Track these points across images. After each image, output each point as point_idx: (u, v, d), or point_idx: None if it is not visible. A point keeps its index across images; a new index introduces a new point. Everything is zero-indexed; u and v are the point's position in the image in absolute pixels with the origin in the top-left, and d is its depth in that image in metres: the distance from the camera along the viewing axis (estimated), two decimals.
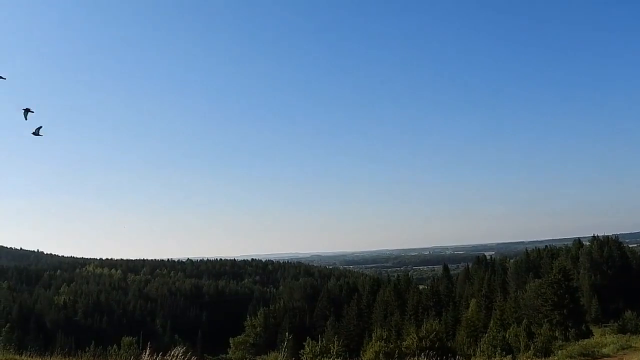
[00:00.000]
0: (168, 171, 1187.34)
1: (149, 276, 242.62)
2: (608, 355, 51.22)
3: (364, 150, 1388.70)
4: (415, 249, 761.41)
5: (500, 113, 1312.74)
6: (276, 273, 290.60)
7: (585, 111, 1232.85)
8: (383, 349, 49.14)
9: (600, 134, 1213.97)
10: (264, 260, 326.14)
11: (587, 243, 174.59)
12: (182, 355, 13.52)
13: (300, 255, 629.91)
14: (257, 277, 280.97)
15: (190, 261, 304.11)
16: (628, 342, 61.93)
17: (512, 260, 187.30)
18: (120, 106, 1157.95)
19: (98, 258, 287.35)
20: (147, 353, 11.39)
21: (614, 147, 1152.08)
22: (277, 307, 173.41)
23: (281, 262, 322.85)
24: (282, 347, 11.82)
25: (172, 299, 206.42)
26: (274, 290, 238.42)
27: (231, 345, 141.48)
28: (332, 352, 14.88)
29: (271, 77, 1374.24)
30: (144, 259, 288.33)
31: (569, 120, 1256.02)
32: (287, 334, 14.81)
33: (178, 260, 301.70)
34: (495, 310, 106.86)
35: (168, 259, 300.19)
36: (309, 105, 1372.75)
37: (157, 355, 13.97)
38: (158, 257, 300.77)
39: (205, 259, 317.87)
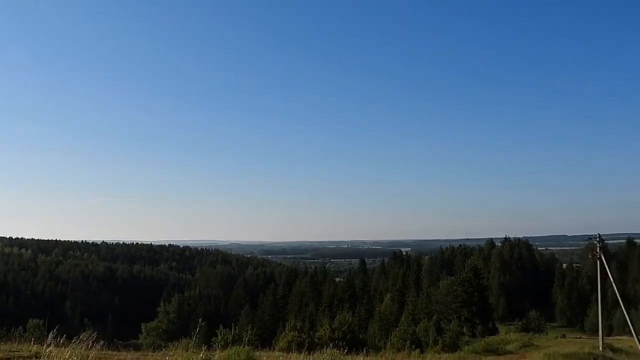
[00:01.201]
0: (84, 151, 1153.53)
1: (61, 257, 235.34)
2: (511, 352, 52.99)
3: (286, 142, 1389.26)
4: (334, 241, 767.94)
5: (420, 108, 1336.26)
6: (193, 260, 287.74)
7: (496, 113, 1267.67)
8: (296, 339, 49.55)
9: (515, 139, 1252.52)
10: (181, 246, 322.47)
11: (499, 244, 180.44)
12: (89, 340, 13.30)
13: (219, 243, 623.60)
14: (174, 263, 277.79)
15: (105, 244, 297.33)
16: (530, 340, 64.53)
17: (427, 257, 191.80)
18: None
19: (7, 237, 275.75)
20: (53, 336, 11.13)
21: (528, 153, 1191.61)
22: (192, 294, 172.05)
23: (199, 248, 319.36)
24: (194, 334, 11.76)
25: (84, 281, 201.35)
26: (190, 277, 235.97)
27: (143, 330, 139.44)
28: (245, 340, 14.90)
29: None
30: (56, 240, 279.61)
31: (483, 124, 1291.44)
32: (200, 321, 14.69)
33: (92, 243, 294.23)
34: (408, 305, 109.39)
35: (82, 241, 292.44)
36: (228, 93, 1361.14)
37: (64, 339, 13.70)
38: (72, 239, 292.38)
39: (121, 242, 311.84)
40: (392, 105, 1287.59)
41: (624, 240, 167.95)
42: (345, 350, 12.17)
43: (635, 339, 54.04)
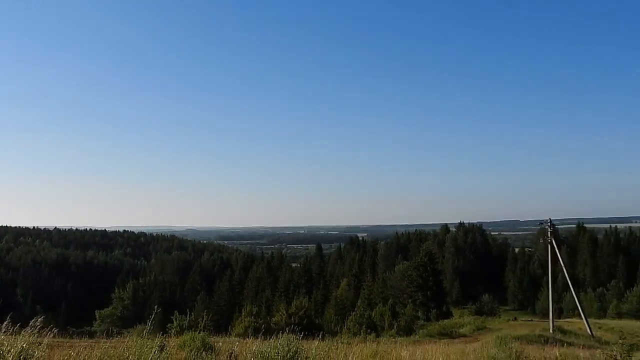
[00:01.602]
0: (35, 134, 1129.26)
1: (12, 244, 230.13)
2: (465, 335, 53.83)
3: (243, 124, 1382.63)
4: (290, 227, 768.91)
5: (377, 103, 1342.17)
6: (148, 246, 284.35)
7: (451, 97, 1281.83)
8: (252, 324, 49.55)
9: (468, 126, 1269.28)
10: (136, 232, 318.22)
11: (454, 229, 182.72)
12: (42, 327, 13.03)
13: (174, 229, 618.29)
14: (128, 249, 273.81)
15: (57, 230, 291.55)
16: (484, 324, 65.62)
17: (383, 242, 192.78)
18: None
19: None
20: (5, 325, 10.86)
21: (481, 140, 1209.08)
22: (147, 280, 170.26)
23: (154, 234, 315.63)
24: (149, 321, 11.62)
25: (35, 268, 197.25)
26: (145, 263, 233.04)
27: (97, 317, 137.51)
28: (200, 326, 14.80)
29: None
30: (6, 226, 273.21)
31: (438, 109, 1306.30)
32: (155, 307, 14.56)
33: (44, 229, 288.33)
34: (364, 289, 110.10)
35: (34, 227, 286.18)
36: (173, 73, 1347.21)
37: (16, 327, 13.40)
38: (23, 225, 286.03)
39: (74, 228, 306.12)
40: (348, 86, 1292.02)
41: (574, 225, 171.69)
42: (301, 335, 12.12)
43: (584, 321, 55.48)
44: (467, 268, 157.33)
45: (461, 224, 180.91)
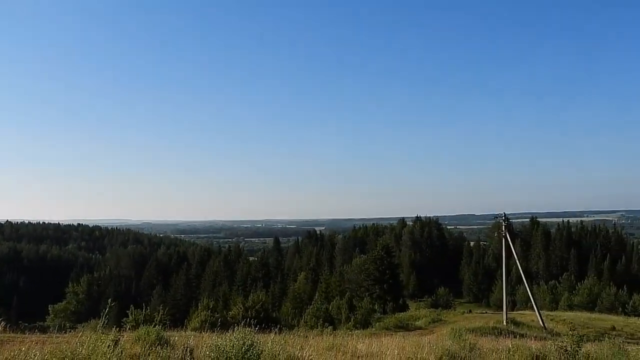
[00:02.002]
0: None
1: None
2: (420, 328, 54.38)
3: (199, 120, 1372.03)
4: (248, 220, 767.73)
5: (334, 98, 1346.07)
6: (103, 239, 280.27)
7: (412, 99, 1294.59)
8: (209, 318, 49.23)
9: (422, 122, 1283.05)
10: (91, 225, 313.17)
11: (411, 223, 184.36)
12: None
13: (130, 222, 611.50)
14: (83, 243, 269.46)
15: (9, 223, 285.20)
16: (439, 316, 66.45)
17: (340, 236, 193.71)
18: None
19: None
20: None
21: (437, 136, 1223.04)
22: (102, 274, 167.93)
23: (109, 228, 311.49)
24: (101, 314, 11.49)
25: None
26: (100, 257, 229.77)
27: (50, 312, 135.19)
28: (156, 320, 14.65)
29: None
30: None
31: (395, 108, 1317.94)
32: (109, 301, 14.40)
33: None
34: (321, 283, 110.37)
35: None
36: (142, 72, 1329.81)
37: None
38: None
39: (27, 221, 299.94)
40: (301, 85, 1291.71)
41: (528, 220, 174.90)
42: (257, 328, 12.10)
43: (537, 313, 56.59)
44: (423, 261, 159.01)
45: (418, 218, 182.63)
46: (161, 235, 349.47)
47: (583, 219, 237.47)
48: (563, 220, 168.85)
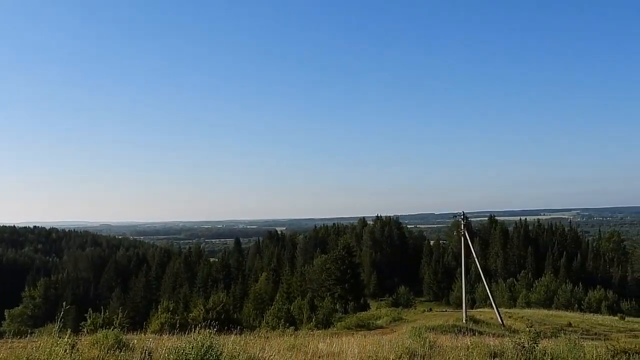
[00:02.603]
0: None
1: None
2: (381, 327, 54.65)
3: (160, 120, 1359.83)
4: (208, 221, 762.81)
5: (293, 98, 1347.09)
6: (60, 242, 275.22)
7: (371, 99, 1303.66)
8: (169, 320, 48.77)
9: (377, 120, 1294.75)
10: (47, 228, 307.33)
11: (371, 222, 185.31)
12: None
13: (88, 225, 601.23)
14: (39, 246, 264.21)
15: None
16: (399, 315, 66.94)
17: (301, 236, 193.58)
18: None
19: None
20: None
21: (392, 135, 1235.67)
22: (60, 277, 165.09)
23: (67, 230, 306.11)
24: (58, 318, 11.30)
25: None
26: (57, 260, 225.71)
27: (6, 317, 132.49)
28: (115, 323, 14.46)
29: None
30: None
31: (353, 108, 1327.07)
32: (64, 304, 14.17)
33: None
34: (283, 283, 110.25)
35: None
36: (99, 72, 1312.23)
37: None
38: None
39: None
40: (262, 82, 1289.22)
41: (486, 218, 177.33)
42: (217, 330, 12.05)
43: (496, 310, 57.32)
44: (384, 260, 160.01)
45: (378, 217, 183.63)
46: (120, 237, 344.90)
47: (540, 217, 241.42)
48: (520, 219, 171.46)
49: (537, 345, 12.72)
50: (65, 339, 10.09)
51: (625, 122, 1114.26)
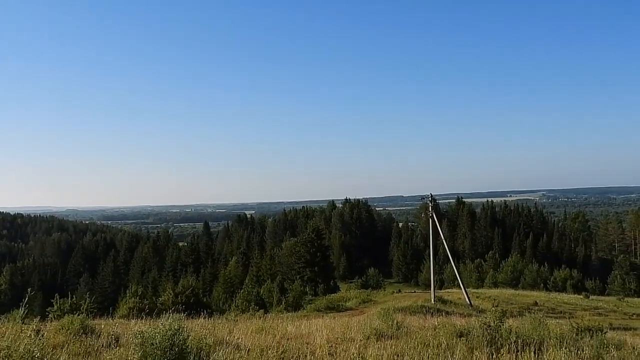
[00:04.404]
0: None
1: None
2: (351, 309, 55.06)
3: (127, 104, 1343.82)
4: (177, 205, 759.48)
5: (260, 83, 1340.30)
6: (26, 227, 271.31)
7: (342, 82, 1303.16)
8: (137, 305, 48.45)
9: (347, 102, 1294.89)
10: (12, 213, 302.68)
11: (340, 205, 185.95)
12: None
13: (54, 210, 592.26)
14: (4, 231, 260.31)
15: None
16: (369, 297, 67.38)
17: (270, 220, 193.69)
18: None
19: None
20: None
21: (362, 117, 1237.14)
22: (25, 263, 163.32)
23: (32, 215, 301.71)
24: (22, 304, 11.17)
25: None
26: (23, 245, 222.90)
27: None
28: (82, 309, 14.33)
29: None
30: None
31: (322, 91, 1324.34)
32: (29, 290, 13.99)
33: None
34: (252, 267, 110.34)
35: None
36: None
37: None
38: None
39: None
40: (238, 69, 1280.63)
41: (454, 200, 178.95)
42: (186, 314, 12.02)
43: (463, 291, 58.05)
44: (353, 243, 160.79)
45: (347, 200, 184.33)
46: (87, 222, 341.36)
47: (506, 198, 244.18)
48: (487, 200, 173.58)
49: (503, 324, 12.88)
50: (32, 325, 9.98)
51: (590, 105, 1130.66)
